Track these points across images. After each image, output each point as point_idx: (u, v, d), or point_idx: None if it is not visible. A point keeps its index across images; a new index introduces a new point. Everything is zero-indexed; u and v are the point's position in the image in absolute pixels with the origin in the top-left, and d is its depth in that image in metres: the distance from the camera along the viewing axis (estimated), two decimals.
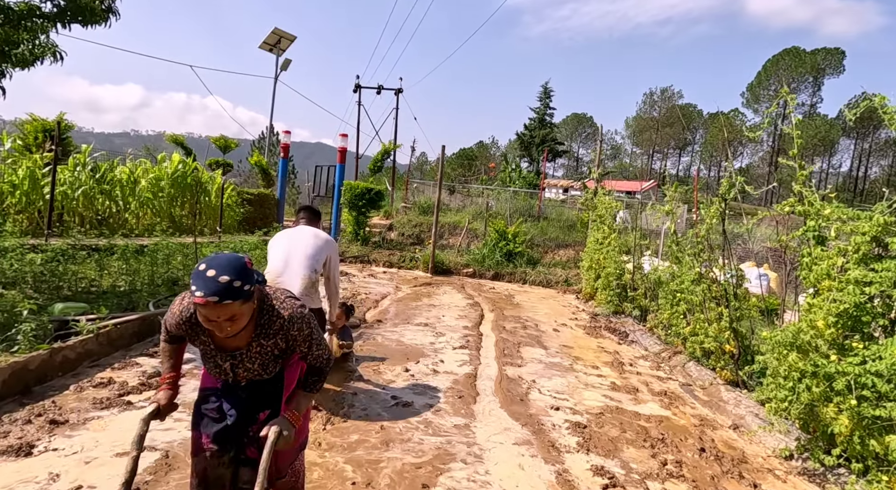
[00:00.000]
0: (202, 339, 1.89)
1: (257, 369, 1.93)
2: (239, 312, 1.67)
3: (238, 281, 1.62)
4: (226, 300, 1.59)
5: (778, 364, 3.46)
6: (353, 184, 13.23)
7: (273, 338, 1.88)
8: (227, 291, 1.59)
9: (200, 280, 1.59)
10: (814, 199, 3.79)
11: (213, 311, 1.62)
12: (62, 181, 8.26)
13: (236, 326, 1.70)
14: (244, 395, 1.99)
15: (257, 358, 1.90)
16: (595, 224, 9.83)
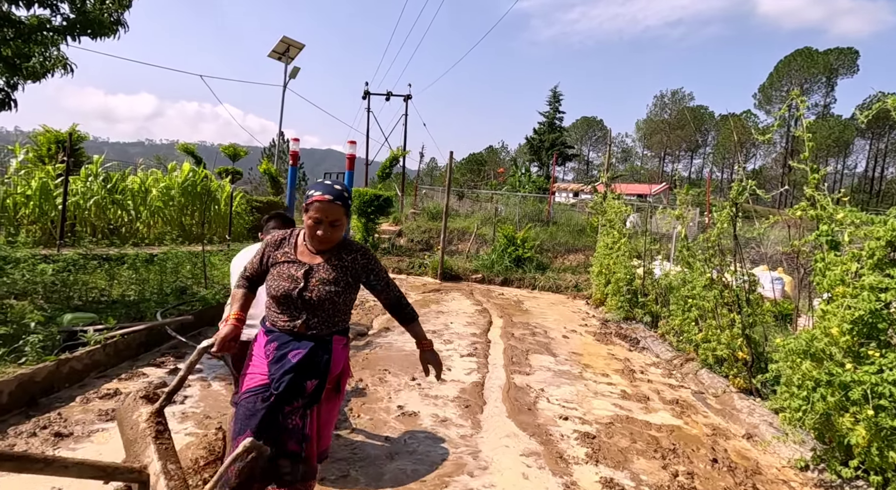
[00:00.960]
0: (283, 251, 2.16)
1: (330, 283, 2.07)
2: (341, 220, 2.07)
3: (347, 192, 2.08)
4: (337, 201, 2.03)
5: (792, 372, 3.37)
6: (362, 190, 13.26)
7: (353, 254, 2.17)
8: (341, 196, 2.04)
9: (321, 185, 2.06)
10: (826, 202, 3.71)
11: (325, 210, 2.02)
12: (74, 192, 8.36)
13: (336, 233, 2.08)
14: (301, 352, 2.03)
15: (333, 270, 2.10)
16: (605, 228, 9.74)
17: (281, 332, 2.10)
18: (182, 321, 5.12)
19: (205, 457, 2.99)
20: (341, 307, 2.12)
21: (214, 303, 6.15)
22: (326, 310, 2.08)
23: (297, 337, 2.07)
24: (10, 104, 5.58)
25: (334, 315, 2.11)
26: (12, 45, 5.35)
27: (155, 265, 7.01)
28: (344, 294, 2.11)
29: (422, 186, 23.48)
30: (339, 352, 2.15)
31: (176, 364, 4.57)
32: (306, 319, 2.07)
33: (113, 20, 5.62)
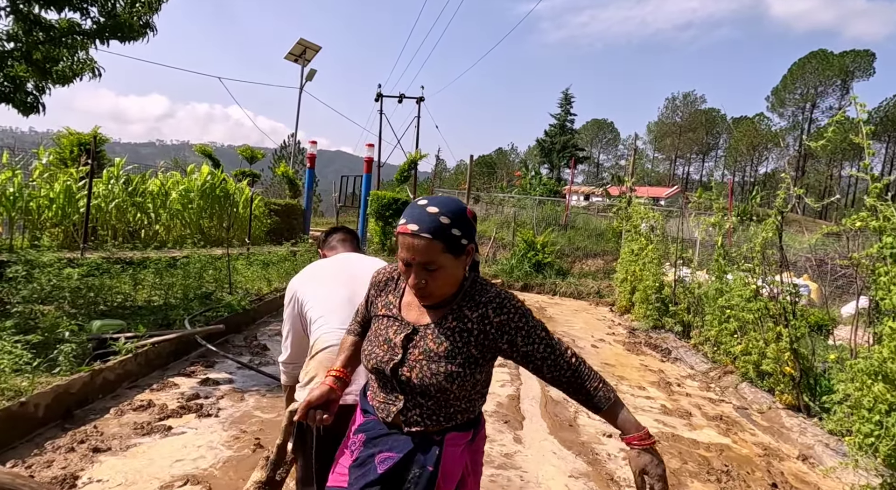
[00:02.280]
0: (386, 300, 1.48)
1: (439, 359, 1.32)
2: (440, 262, 1.28)
3: (449, 219, 1.27)
4: (426, 234, 1.25)
5: (861, 394, 3.20)
6: (380, 194, 13.17)
7: (482, 307, 1.34)
8: (433, 225, 1.25)
9: (410, 209, 1.33)
10: (890, 213, 3.54)
11: (412, 248, 1.28)
12: (97, 194, 8.32)
13: (434, 282, 1.31)
14: (393, 457, 1.35)
15: (447, 338, 1.33)
16: (629, 234, 9.56)
17: (376, 417, 1.43)
18: (213, 330, 5.02)
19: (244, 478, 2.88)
20: (460, 394, 1.35)
21: (240, 309, 6.06)
22: (435, 397, 1.34)
23: (394, 429, 1.39)
24: (38, 107, 5.52)
25: (448, 405, 1.36)
26: (42, 49, 5.30)
27: (178, 269, 6.94)
28: (462, 376, 1.32)
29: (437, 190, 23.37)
30: (454, 458, 1.38)
31: (206, 374, 4.47)
32: (404, 408, 1.36)
33: (142, 23, 5.55)
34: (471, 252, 1.35)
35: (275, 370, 4.71)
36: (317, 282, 2.07)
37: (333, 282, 2.07)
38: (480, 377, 1.38)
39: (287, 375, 2.19)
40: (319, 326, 1.91)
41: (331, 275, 2.11)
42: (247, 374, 4.60)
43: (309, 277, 2.10)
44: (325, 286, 2.05)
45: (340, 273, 2.12)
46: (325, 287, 2.04)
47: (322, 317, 1.92)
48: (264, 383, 4.41)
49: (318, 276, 2.10)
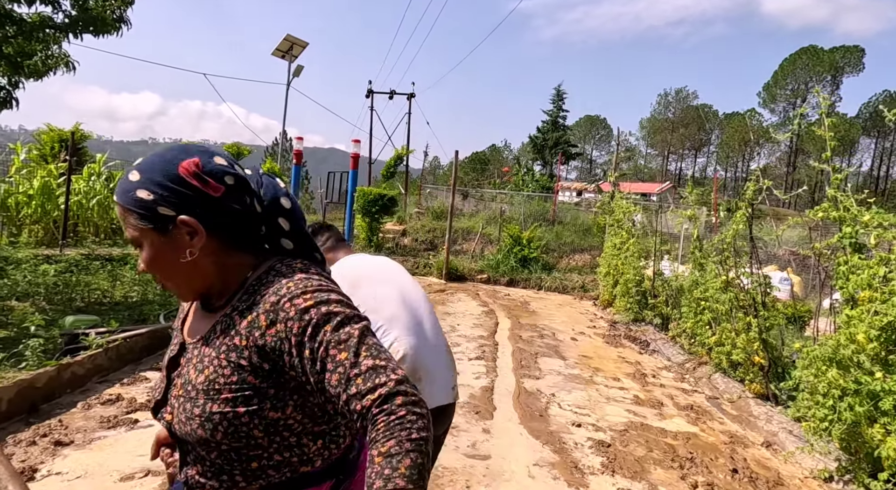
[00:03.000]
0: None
1: (198, 390, 0.88)
2: (143, 240, 0.90)
3: (146, 189, 0.87)
4: (117, 200, 0.90)
5: (816, 380, 3.25)
6: (366, 190, 13.16)
7: (254, 312, 0.88)
8: (126, 194, 0.88)
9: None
10: (850, 203, 3.59)
11: (121, 217, 0.91)
12: (77, 191, 8.28)
13: (146, 260, 0.91)
14: None
15: (209, 361, 0.89)
16: (612, 228, 9.61)
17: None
18: None
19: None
20: (238, 443, 0.88)
21: None
22: (213, 450, 0.90)
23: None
24: (11, 103, 5.49)
25: (242, 458, 0.90)
26: (14, 43, 5.27)
27: None
28: (229, 419, 0.86)
29: (426, 186, 23.38)
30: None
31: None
32: (181, 465, 0.99)
33: (115, 17, 5.53)
34: (188, 227, 0.88)
35: None
36: (360, 287, 1.85)
37: (382, 285, 1.93)
38: (281, 415, 0.89)
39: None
40: (382, 334, 1.77)
41: (373, 277, 1.94)
42: None
43: (344, 284, 1.86)
44: (374, 290, 1.88)
45: (378, 273, 1.99)
46: (374, 291, 1.87)
47: (382, 326, 1.78)
48: None
49: (356, 279, 1.87)
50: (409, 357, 1.77)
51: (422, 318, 1.90)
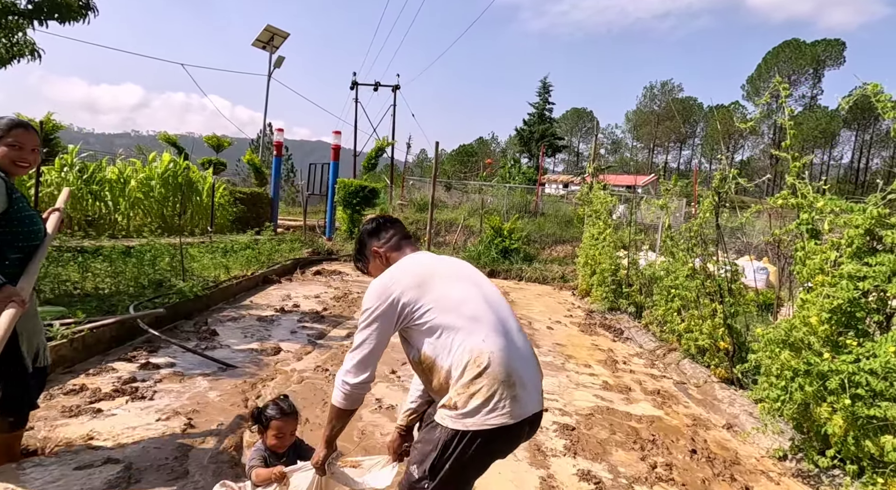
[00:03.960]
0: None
1: None
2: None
3: None
4: None
5: (771, 362, 3.34)
6: (347, 182, 13.11)
7: None
8: None
9: None
10: (807, 191, 3.67)
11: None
12: (49, 182, 8.15)
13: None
14: None
15: None
16: (591, 219, 9.69)
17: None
18: (154, 315, 5.00)
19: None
20: None
21: (191, 296, 6.03)
22: None
23: None
24: None
25: None
26: None
27: (132, 257, 6.87)
28: None
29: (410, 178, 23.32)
30: None
31: (148, 358, 4.45)
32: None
33: (81, 4, 5.43)
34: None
35: (223, 354, 4.72)
36: (433, 285, 1.76)
37: (456, 283, 1.81)
38: None
39: (350, 398, 1.80)
40: (467, 335, 1.67)
41: (447, 275, 1.83)
42: (191, 359, 4.59)
43: (415, 281, 1.77)
44: (451, 288, 1.77)
45: (451, 271, 1.88)
46: (450, 289, 1.77)
47: (464, 327, 1.68)
48: (207, 367, 4.41)
49: (428, 277, 1.78)
50: (500, 359, 1.65)
51: (506, 318, 1.79)
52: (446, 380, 1.69)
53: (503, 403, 1.63)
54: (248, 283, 7.77)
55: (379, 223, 2.05)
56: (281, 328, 5.89)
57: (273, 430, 2.26)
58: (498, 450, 1.75)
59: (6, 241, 2.37)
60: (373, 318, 1.75)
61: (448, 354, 1.68)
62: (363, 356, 1.76)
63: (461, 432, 1.64)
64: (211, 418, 3.47)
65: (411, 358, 1.84)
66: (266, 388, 4.10)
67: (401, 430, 2.19)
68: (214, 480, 2.71)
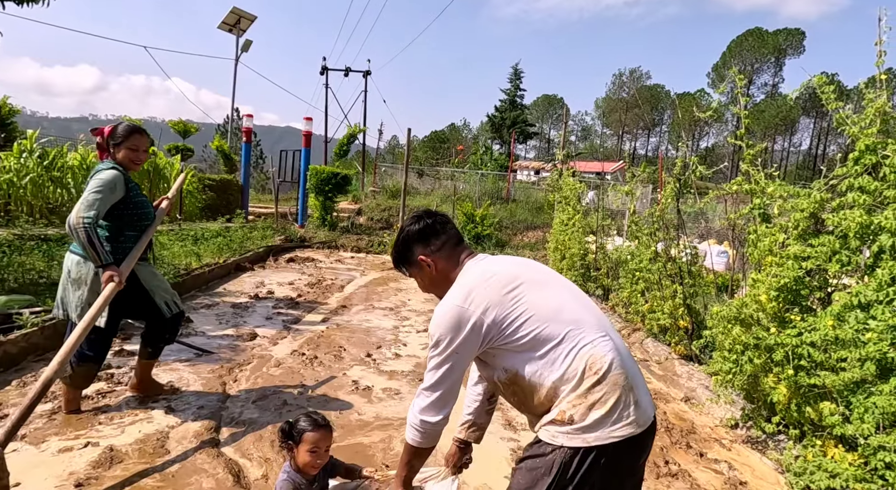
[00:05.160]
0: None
1: None
2: None
3: None
4: None
5: (724, 337, 3.57)
6: (319, 168, 13.03)
7: None
8: None
9: None
10: (759, 177, 3.89)
11: None
12: (7, 169, 7.89)
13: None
14: None
15: None
16: (560, 205, 9.91)
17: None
18: None
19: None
20: None
21: None
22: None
23: None
24: None
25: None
26: None
27: None
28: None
29: (382, 164, 23.24)
30: None
31: (122, 345, 4.45)
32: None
33: None
34: None
35: (198, 341, 4.75)
36: (520, 294, 1.56)
37: (549, 288, 1.64)
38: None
39: (429, 437, 1.66)
40: (575, 342, 1.51)
41: (532, 280, 1.63)
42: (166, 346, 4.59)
43: (497, 295, 1.56)
44: (542, 295, 1.58)
45: (540, 275, 1.70)
46: (541, 296, 1.58)
47: (570, 334, 1.51)
48: (183, 353, 4.43)
49: (511, 287, 1.57)
50: (617, 362, 1.51)
51: (601, 317, 1.65)
52: (551, 395, 1.52)
53: (627, 411, 1.46)
54: (221, 270, 7.73)
55: (428, 225, 1.76)
56: (256, 314, 5.92)
57: (307, 444, 2.01)
58: (627, 466, 1.54)
59: (125, 223, 3.03)
60: (451, 350, 1.55)
61: (553, 367, 1.50)
62: (442, 394, 1.59)
63: (583, 450, 1.44)
64: (189, 402, 3.52)
65: (495, 378, 1.63)
66: (243, 372, 4.16)
67: (458, 442, 2.05)
68: (190, 458, 2.80)
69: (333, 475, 2.25)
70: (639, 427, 1.49)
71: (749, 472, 3.15)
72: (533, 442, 1.60)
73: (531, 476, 1.51)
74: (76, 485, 2.48)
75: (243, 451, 2.98)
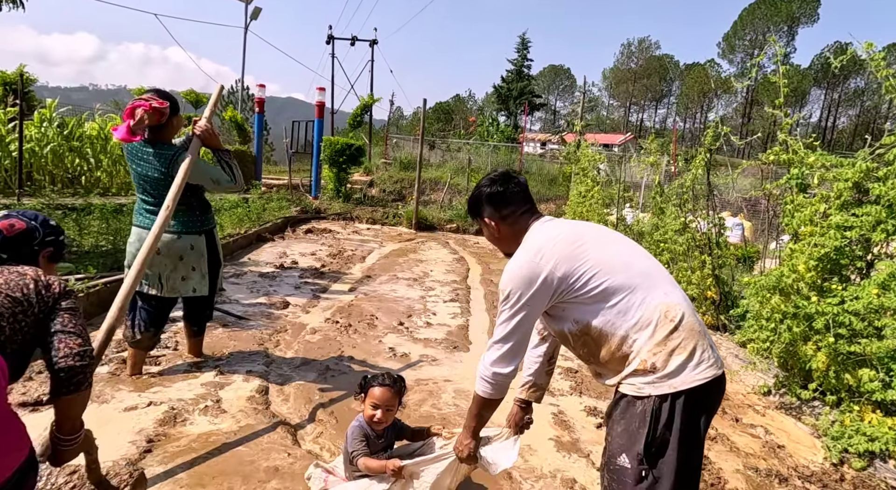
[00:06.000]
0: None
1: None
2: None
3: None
4: None
5: (761, 307, 3.63)
6: (333, 139, 12.95)
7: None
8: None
9: None
10: (798, 147, 3.89)
11: None
12: (29, 138, 7.89)
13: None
14: None
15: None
16: (578, 177, 9.88)
17: None
18: None
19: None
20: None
21: None
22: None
23: None
24: None
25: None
26: None
27: (125, 215, 6.80)
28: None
29: (393, 136, 23.06)
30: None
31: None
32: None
33: None
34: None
35: (233, 309, 4.84)
36: (588, 249, 1.61)
37: (615, 243, 1.71)
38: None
39: (500, 388, 1.72)
40: (647, 292, 1.55)
41: (597, 237, 1.70)
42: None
43: (567, 249, 1.61)
44: (609, 249, 1.65)
45: (604, 233, 1.77)
46: (609, 250, 1.64)
47: (641, 285, 1.56)
48: (221, 320, 4.52)
49: (579, 243, 1.63)
50: (689, 311, 1.57)
51: (666, 272, 1.71)
52: (621, 346, 1.56)
53: (706, 354, 1.53)
54: (244, 240, 7.80)
55: (499, 193, 1.79)
56: (284, 284, 6.00)
57: (370, 398, 2.12)
58: (711, 407, 1.60)
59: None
60: (522, 303, 1.60)
61: (626, 316, 1.55)
62: (512, 346, 1.65)
63: (671, 396, 1.49)
64: (236, 367, 3.62)
65: (566, 330, 1.68)
66: (283, 338, 4.25)
67: (519, 403, 2.10)
68: (246, 417, 2.90)
69: (400, 437, 2.34)
70: (718, 369, 1.54)
71: (785, 437, 3.25)
72: (616, 400, 1.64)
73: (627, 434, 1.55)
74: (147, 440, 2.58)
75: (295, 413, 3.08)
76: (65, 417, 1.53)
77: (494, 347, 1.68)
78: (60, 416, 1.52)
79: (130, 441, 2.57)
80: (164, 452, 2.52)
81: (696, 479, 1.59)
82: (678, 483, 1.50)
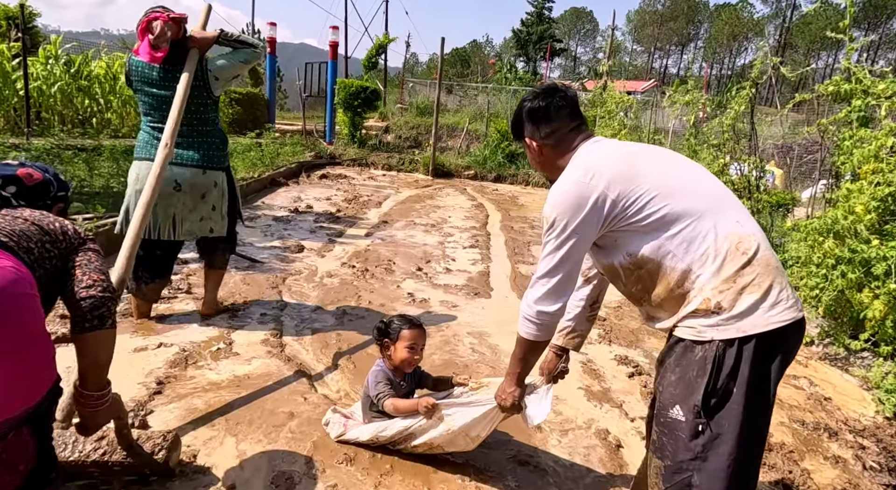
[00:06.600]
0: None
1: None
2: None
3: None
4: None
5: (812, 252, 3.35)
6: (348, 82, 12.45)
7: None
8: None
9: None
10: (863, 75, 3.49)
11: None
12: (35, 76, 7.63)
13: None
14: None
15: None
16: (603, 121, 9.40)
17: None
18: None
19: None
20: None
21: None
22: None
23: None
24: None
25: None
26: None
27: None
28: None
29: (409, 80, 22.28)
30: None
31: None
32: None
33: None
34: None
35: (247, 252, 4.68)
36: (645, 169, 1.40)
37: (676, 164, 1.48)
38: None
39: (547, 329, 1.55)
40: (716, 220, 1.32)
41: (655, 157, 1.50)
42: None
43: (620, 169, 1.40)
44: (670, 170, 1.44)
45: (663, 153, 1.55)
46: (670, 171, 1.43)
47: (709, 210, 1.33)
48: (236, 262, 4.38)
49: (633, 163, 1.42)
50: (765, 243, 1.34)
51: (737, 199, 1.47)
52: (682, 282, 1.33)
53: (785, 293, 1.29)
54: (257, 184, 7.60)
55: (541, 108, 1.56)
56: (299, 228, 5.83)
57: (405, 340, 2.03)
58: (787, 355, 1.35)
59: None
60: (570, 231, 1.39)
61: (690, 247, 1.32)
62: (560, 281, 1.44)
63: (739, 340, 1.27)
64: (250, 310, 3.48)
65: (616, 264, 1.46)
66: (297, 282, 4.10)
67: (556, 349, 1.90)
68: (259, 361, 2.77)
69: (421, 385, 2.21)
70: (798, 311, 1.30)
71: (831, 388, 3.05)
72: (671, 345, 1.41)
73: (683, 383, 1.34)
74: (157, 382, 2.47)
75: (311, 357, 2.95)
76: (90, 364, 1.37)
77: (539, 283, 1.48)
78: (85, 362, 1.36)
79: (140, 382, 2.46)
80: (174, 394, 2.40)
81: (761, 440, 1.35)
82: (741, 442, 1.27)
